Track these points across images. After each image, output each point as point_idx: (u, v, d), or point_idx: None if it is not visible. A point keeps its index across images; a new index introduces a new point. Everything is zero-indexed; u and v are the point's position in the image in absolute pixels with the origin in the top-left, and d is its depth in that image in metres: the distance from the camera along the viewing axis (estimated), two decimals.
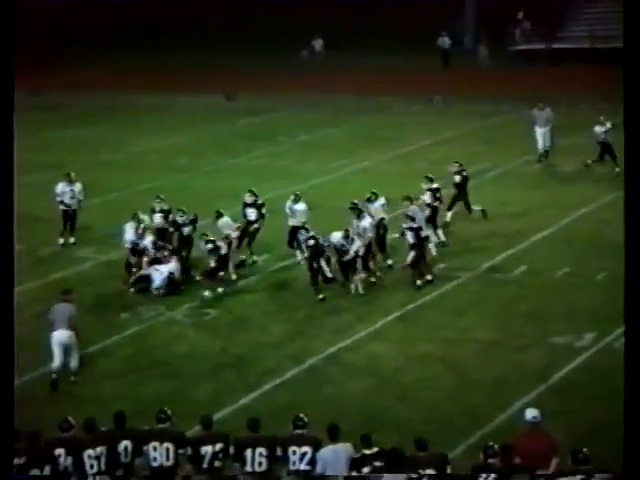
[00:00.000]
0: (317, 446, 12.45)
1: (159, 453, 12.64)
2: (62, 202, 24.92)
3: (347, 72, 51.47)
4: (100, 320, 20.32)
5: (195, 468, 12.66)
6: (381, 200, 23.38)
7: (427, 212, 23.75)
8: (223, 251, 21.71)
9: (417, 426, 15.24)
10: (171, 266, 21.65)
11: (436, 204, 24.21)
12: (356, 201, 22.58)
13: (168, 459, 12.65)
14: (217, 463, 12.62)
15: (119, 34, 64.17)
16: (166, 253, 21.90)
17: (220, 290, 21.60)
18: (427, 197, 24.09)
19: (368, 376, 17.80)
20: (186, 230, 22.58)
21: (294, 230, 22.94)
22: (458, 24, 57.52)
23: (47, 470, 12.28)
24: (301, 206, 23.38)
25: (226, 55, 56.88)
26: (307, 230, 21.98)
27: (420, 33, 55.78)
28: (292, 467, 12.46)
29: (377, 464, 12.13)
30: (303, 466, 12.44)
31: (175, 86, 48.28)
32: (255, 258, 23.29)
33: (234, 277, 22.31)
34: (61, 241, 24.98)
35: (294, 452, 12.46)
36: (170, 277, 21.51)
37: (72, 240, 25.07)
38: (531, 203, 27.50)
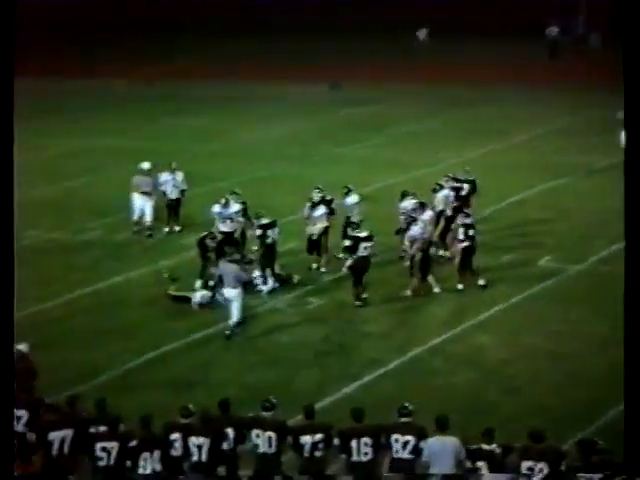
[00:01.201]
0: (421, 436, 12.41)
1: (262, 441, 12.74)
2: (164, 191, 25.28)
3: (451, 62, 51.11)
4: (205, 308, 20.51)
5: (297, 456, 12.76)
6: (444, 191, 23.07)
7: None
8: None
9: (523, 420, 15.08)
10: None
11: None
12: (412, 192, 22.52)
13: (270, 447, 12.73)
14: (318, 453, 12.66)
15: (229, 24, 64.75)
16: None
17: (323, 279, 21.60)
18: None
19: (473, 368, 17.67)
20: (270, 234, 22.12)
21: (345, 224, 22.31)
22: (569, 14, 56.68)
23: (156, 455, 12.42)
24: (352, 199, 22.87)
25: (332, 44, 56.92)
26: (357, 226, 21.14)
27: (528, 22, 55.12)
28: (395, 455, 12.43)
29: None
30: (406, 454, 12.41)
31: (283, 76, 48.53)
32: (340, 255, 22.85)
33: (323, 269, 22.23)
34: (166, 229, 25.33)
35: (396, 440, 12.44)
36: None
37: (177, 228, 25.40)
38: None
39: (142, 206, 25.14)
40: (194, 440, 12.58)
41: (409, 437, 12.41)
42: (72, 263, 23.35)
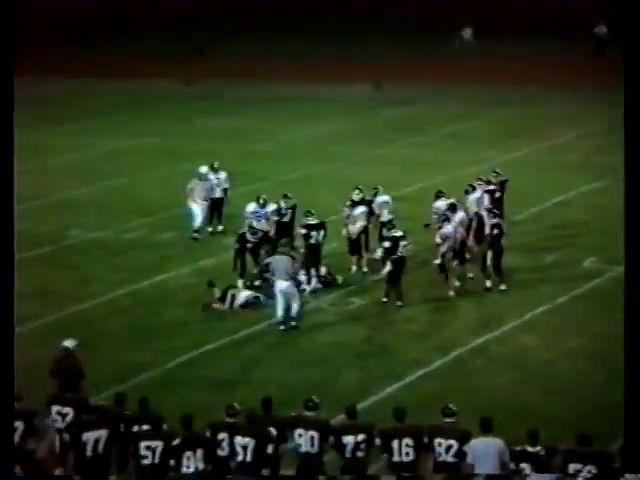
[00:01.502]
0: (464, 439, 12.30)
1: (304, 440, 12.70)
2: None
3: (495, 62, 50.87)
4: (246, 307, 20.50)
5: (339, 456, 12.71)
6: (476, 193, 22.97)
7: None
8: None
9: (567, 421, 14.94)
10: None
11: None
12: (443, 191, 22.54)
13: (313, 446, 12.68)
14: (359, 453, 12.61)
15: (271, 24, 64.82)
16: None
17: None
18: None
19: (516, 369, 17.54)
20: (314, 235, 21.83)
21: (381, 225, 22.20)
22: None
23: (199, 454, 12.41)
24: (380, 199, 22.73)
25: (373, 44, 56.85)
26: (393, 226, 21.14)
27: (573, 21, 54.75)
28: (438, 459, 12.35)
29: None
30: (449, 458, 12.33)
31: (324, 76, 48.51)
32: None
33: (365, 269, 22.15)
34: (209, 229, 25.36)
35: (439, 444, 12.36)
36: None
37: (220, 228, 25.43)
38: None
39: (201, 210, 24.91)
40: (239, 440, 12.55)
41: (452, 441, 12.32)
42: (114, 263, 23.43)
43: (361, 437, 12.61)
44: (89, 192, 29.48)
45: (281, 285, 19.23)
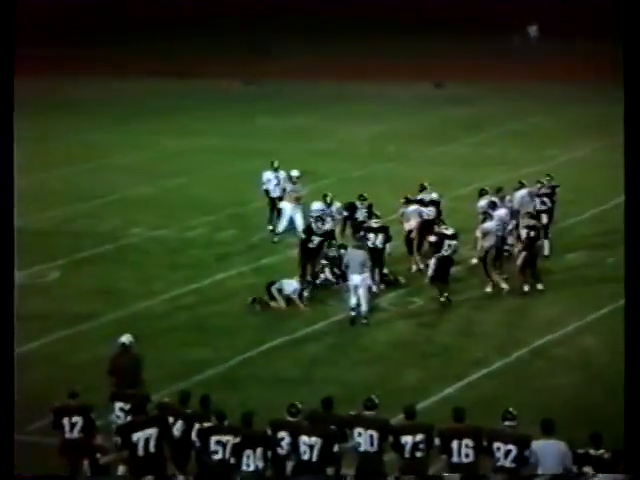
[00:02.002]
0: (524, 444, 12.17)
1: (363, 439, 12.70)
2: (267, 190, 25.35)
3: (557, 59, 50.45)
4: (307, 306, 20.53)
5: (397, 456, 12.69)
6: (523, 191, 22.86)
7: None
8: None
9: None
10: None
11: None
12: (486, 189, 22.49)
13: (372, 445, 12.68)
14: (419, 453, 12.57)
15: (331, 23, 64.85)
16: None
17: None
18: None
19: (578, 371, 17.39)
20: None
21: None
22: None
23: (259, 452, 12.45)
24: (426, 197, 22.61)
25: (434, 42, 56.66)
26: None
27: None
28: (498, 463, 12.26)
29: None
30: (508, 463, 12.23)
31: (384, 74, 48.43)
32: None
33: (421, 266, 22.08)
34: (270, 228, 25.41)
35: (498, 448, 12.27)
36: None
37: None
38: None
39: (292, 214, 24.56)
40: (305, 439, 12.54)
41: (511, 446, 12.22)
42: (175, 261, 23.58)
43: (420, 437, 12.57)
44: (151, 191, 29.71)
45: (355, 279, 19.39)
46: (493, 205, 21.87)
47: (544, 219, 22.80)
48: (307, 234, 21.46)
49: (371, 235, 21.15)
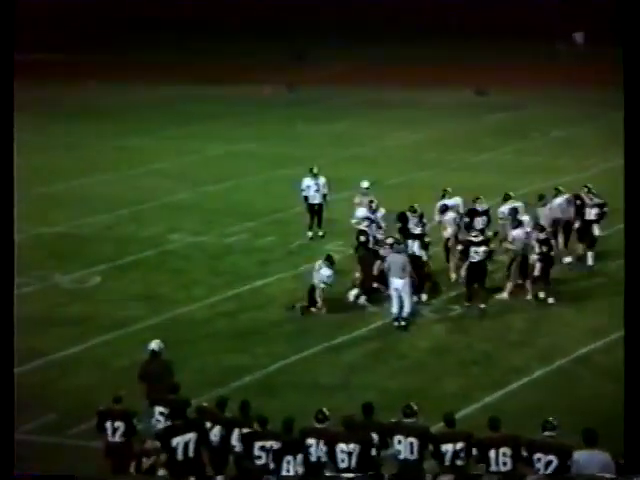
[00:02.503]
0: (565, 455, 12.05)
1: (403, 447, 12.64)
2: (306, 196, 25.36)
3: (601, 66, 50.09)
4: (347, 312, 20.51)
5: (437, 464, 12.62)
6: (559, 199, 22.80)
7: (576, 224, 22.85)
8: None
9: None
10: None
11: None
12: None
13: (412, 453, 12.62)
14: (459, 462, 12.51)
15: (373, 29, 64.85)
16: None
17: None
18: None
19: (620, 380, 17.18)
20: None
21: None
22: None
23: (299, 458, 12.44)
24: (449, 202, 22.66)
25: (476, 49, 56.48)
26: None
27: None
28: (538, 474, 12.16)
29: None
30: (548, 472, 12.14)
31: (425, 81, 48.34)
32: None
33: (453, 276, 21.95)
34: (309, 234, 25.41)
35: (539, 459, 12.17)
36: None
37: (320, 233, 25.46)
38: None
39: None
40: (343, 447, 12.51)
41: (552, 456, 12.13)
42: (215, 267, 23.62)
43: (460, 445, 12.52)
44: (192, 196, 29.80)
45: (396, 283, 19.45)
46: (515, 211, 21.77)
47: (596, 230, 22.66)
48: (363, 237, 21.44)
49: (409, 241, 21.12)
